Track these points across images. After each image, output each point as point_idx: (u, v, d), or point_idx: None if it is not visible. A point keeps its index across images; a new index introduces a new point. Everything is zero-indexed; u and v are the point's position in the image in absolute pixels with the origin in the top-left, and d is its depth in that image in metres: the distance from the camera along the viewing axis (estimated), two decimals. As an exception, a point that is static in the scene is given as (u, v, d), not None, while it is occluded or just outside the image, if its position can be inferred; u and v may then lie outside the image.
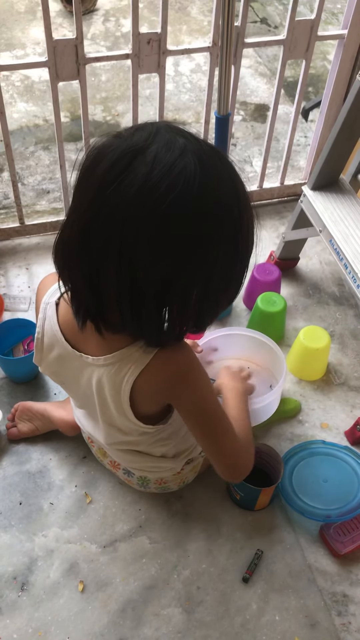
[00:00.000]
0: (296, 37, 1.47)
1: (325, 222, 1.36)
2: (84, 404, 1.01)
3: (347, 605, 1.12)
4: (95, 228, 0.70)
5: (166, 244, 0.69)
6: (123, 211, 0.68)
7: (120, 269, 0.70)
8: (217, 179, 0.70)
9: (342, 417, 1.37)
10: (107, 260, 0.70)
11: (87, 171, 0.71)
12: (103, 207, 0.69)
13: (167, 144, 0.68)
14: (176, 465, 1.10)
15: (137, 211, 0.67)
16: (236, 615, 1.11)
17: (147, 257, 0.69)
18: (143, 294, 0.73)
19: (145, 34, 1.36)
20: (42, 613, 1.10)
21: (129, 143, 0.68)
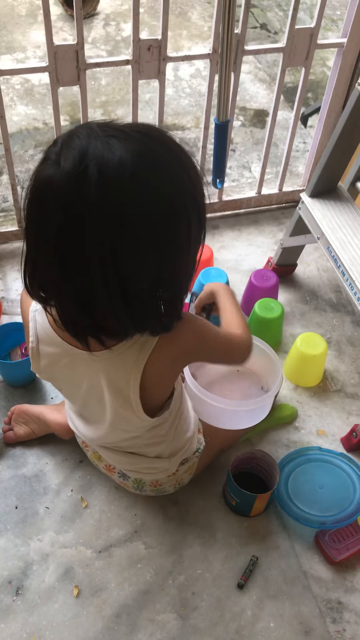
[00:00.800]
0: (296, 45, 1.48)
1: (323, 229, 1.36)
2: (84, 407, 1.01)
3: (341, 613, 1.13)
4: (72, 258, 0.71)
5: (146, 243, 0.70)
6: (95, 237, 0.69)
7: (109, 284, 0.71)
8: (162, 164, 0.71)
9: (338, 424, 1.38)
10: (95, 282, 0.71)
11: (38, 213, 0.72)
12: (71, 240, 0.70)
13: (102, 153, 0.67)
14: (171, 465, 1.10)
15: (106, 227, 0.68)
16: (231, 622, 1.11)
17: (131, 261, 0.71)
18: (138, 297, 0.74)
19: (146, 40, 1.37)
20: (36, 618, 1.10)
21: (67, 171, 0.68)
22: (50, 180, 0.69)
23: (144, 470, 1.11)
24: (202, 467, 1.21)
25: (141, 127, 0.72)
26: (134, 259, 0.71)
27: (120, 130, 0.70)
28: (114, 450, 1.08)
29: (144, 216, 0.69)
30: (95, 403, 0.95)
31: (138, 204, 0.68)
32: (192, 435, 1.12)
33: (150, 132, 0.72)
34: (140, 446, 1.05)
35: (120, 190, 0.67)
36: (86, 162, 0.67)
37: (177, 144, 0.74)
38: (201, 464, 1.19)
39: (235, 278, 1.63)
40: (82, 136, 0.69)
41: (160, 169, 0.70)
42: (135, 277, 0.72)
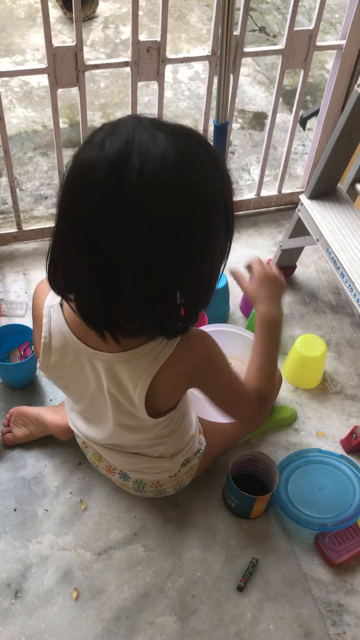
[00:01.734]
0: (295, 47, 1.48)
1: (323, 231, 1.36)
2: (88, 406, 1.00)
3: (341, 615, 1.12)
4: (104, 249, 0.71)
5: (177, 240, 0.71)
6: (128, 224, 0.68)
7: (136, 274, 0.71)
8: (203, 167, 0.71)
9: (337, 426, 1.38)
10: (123, 270, 0.71)
11: (76, 193, 0.71)
12: (106, 226, 0.69)
13: (147, 144, 0.68)
14: (174, 465, 1.10)
15: (140, 217, 0.68)
16: (231, 624, 1.10)
17: (160, 255, 0.71)
18: (162, 293, 0.75)
19: (145, 42, 1.37)
20: (35, 621, 1.09)
21: (111, 155, 0.68)
22: (92, 162, 0.69)
23: (147, 470, 1.10)
24: (202, 469, 1.20)
25: (186, 128, 0.73)
26: (164, 254, 0.71)
27: (167, 126, 0.71)
28: (116, 450, 1.07)
29: (178, 213, 0.70)
30: (100, 404, 0.95)
31: (174, 200, 0.69)
32: (194, 434, 1.12)
33: (194, 134, 0.73)
34: (143, 446, 1.05)
35: (158, 183, 0.67)
36: (130, 149, 0.67)
37: (217, 152, 0.75)
38: (201, 466, 1.19)
39: (234, 280, 1.62)
40: (129, 124, 0.70)
41: (200, 171, 0.71)
42: (162, 273, 0.73)
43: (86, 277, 0.75)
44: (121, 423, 0.96)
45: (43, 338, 0.91)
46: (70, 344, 0.89)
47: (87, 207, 0.70)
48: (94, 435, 1.05)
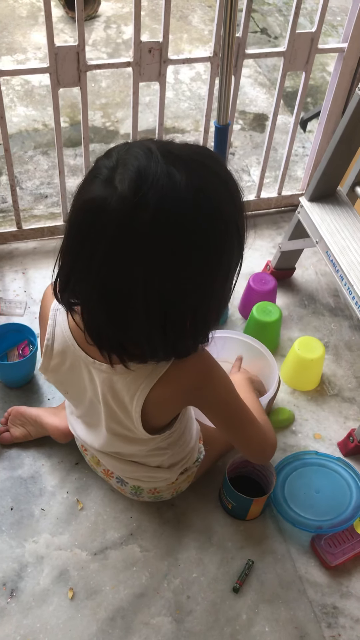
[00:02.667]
0: (296, 49, 1.48)
1: (322, 234, 1.37)
2: (87, 412, 1.00)
3: (337, 617, 1.12)
4: (117, 286, 0.71)
5: (192, 273, 0.71)
6: (143, 263, 0.69)
7: (150, 310, 0.72)
8: (218, 201, 0.71)
9: (335, 428, 1.38)
10: (136, 306, 0.72)
11: (88, 232, 0.70)
12: (119, 265, 0.69)
13: (162, 183, 0.67)
14: (171, 475, 1.10)
15: (156, 258, 0.68)
16: (226, 626, 1.10)
17: (177, 291, 0.72)
18: (176, 324, 0.75)
19: (147, 42, 1.37)
20: (30, 620, 1.09)
21: (124, 195, 0.66)
22: (104, 202, 0.67)
23: (143, 479, 1.10)
24: (199, 475, 1.20)
25: (198, 155, 0.71)
26: (178, 287, 0.71)
27: (180, 158, 0.69)
28: (114, 457, 1.07)
29: (194, 249, 0.70)
30: (97, 410, 0.95)
31: (190, 238, 0.69)
32: (194, 445, 1.12)
33: (207, 161, 0.72)
34: (141, 456, 1.04)
35: (177, 225, 0.68)
36: (145, 190, 0.66)
37: (229, 174, 0.74)
38: (199, 472, 1.19)
39: (233, 281, 1.63)
40: (140, 157, 0.68)
41: (216, 206, 0.70)
42: (176, 304, 0.73)
43: (96, 306, 0.75)
44: (115, 432, 0.95)
45: (46, 340, 0.91)
46: (70, 349, 0.89)
47: (99, 246, 0.69)
48: (91, 441, 1.04)
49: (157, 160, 0.67)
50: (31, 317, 1.52)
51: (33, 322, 1.48)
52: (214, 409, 0.94)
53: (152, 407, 0.88)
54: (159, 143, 0.71)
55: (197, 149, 0.73)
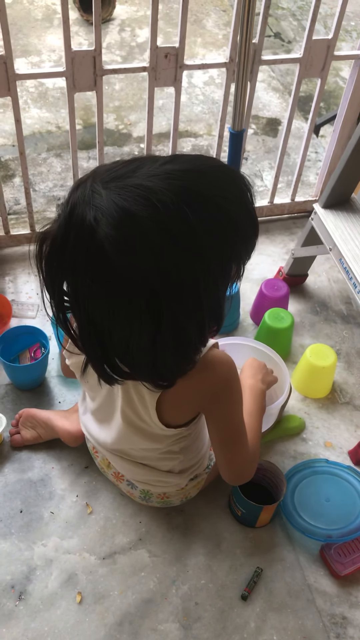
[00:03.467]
0: (312, 56, 1.48)
1: (336, 241, 1.36)
2: (103, 404, 1.00)
3: (345, 628, 1.12)
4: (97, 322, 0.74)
5: (187, 283, 0.71)
6: (133, 287, 0.70)
7: (166, 331, 0.73)
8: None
9: (346, 437, 1.37)
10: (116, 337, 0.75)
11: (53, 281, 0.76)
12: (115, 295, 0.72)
13: (112, 214, 0.68)
14: (181, 481, 1.10)
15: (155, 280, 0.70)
16: (234, 633, 1.10)
17: (186, 307, 0.72)
18: (188, 339, 0.76)
19: (163, 47, 1.37)
20: (38, 623, 1.09)
21: (79, 231, 0.70)
22: (50, 236, 0.73)
23: (154, 483, 1.10)
24: (209, 482, 1.20)
25: (129, 198, 0.68)
26: (187, 307, 0.73)
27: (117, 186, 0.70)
28: (125, 459, 1.07)
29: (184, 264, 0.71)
30: (115, 403, 0.95)
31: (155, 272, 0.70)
32: (205, 452, 1.12)
33: (153, 191, 0.68)
34: (152, 459, 1.05)
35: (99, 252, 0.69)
36: (70, 223, 0.70)
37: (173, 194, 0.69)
38: (209, 479, 1.19)
39: (245, 287, 1.62)
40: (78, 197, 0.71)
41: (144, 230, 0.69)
42: (187, 320, 0.74)
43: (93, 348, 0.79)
44: (130, 421, 0.95)
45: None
46: None
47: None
48: (104, 438, 1.04)
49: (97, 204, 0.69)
50: (43, 319, 1.52)
51: (45, 324, 1.49)
52: (217, 419, 0.94)
53: (169, 402, 0.88)
54: (103, 177, 0.72)
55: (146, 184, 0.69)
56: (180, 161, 0.73)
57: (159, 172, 0.70)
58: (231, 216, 0.74)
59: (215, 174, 0.75)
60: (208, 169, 0.74)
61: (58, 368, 1.44)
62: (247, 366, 1.19)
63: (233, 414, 0.94)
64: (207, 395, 0.89)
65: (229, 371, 0.89)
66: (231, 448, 0.97)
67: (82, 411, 1.12)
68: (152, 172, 0.70)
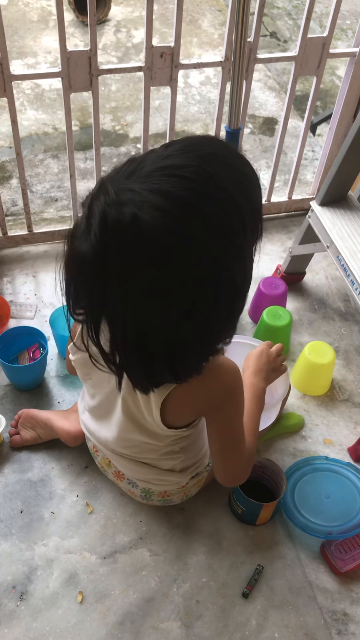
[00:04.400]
0: (308, 54, 1.48)
1: (333, 238, 1.36)
2: (104, 401, 1.00)
3: (347, 624, 1.12)
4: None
5: (139, 294, 0.71)
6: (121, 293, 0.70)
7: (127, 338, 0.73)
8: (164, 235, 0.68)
9: (345, 434, 1.37)
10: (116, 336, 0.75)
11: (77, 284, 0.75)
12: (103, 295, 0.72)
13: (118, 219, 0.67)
14: (182, 479, 1.10)
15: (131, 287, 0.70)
16: (235, 631, 1.10)
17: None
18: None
19: (159, 47, 1.37)
20: (40, 623, 1.09)
21: (93, 249, 0.69)
22: (82, 254, 0.71)
23: (154, 482, 1.10)
24: (209, 480, 1.20)
25: (156, 185, 0.67)
26: (153, 319, 0.72)
27: (132, 193, 0.68)
28: (126, 457, 1.07)
29: (160, 282, 0.70)
30: (117, 400, 0.95)
31: (153, 276, 0.69)
32: (206, 451, 1.12)
33: (165, 189, 0.67)
34: (154, 458, 1.05)
35: (137, 260, 0.68)
36: (107, 233, 0.68)
37: (198, 193, 0.68)
38: (209, 478, 1.19)
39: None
40: (99, 202, 0.68)
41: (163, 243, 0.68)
42: (154, 335, 0.73)
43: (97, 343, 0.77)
44: (132, 417, 0.95)
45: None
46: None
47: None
48: (104, 436, 1.04)
49: (112, 201, 0.68)
50: (41, 320, 1.52)
51: (44, 325, 1.49)
52: (218, 425, 0.95)
53: (173, 404, 0.88)
54: (116, 177, 0.70)
55: (162, 177, 0.68)
56: (177, 142, 0.74)
57: (168, 153, 0.70)
58: (247, 172, 0.75)
59: (212, 142, 0.76)
60: (204, 139, 0.76)
61: (57, 368, 1.44)
62: (252, 361, 1.15)
63: (234, 421, 0.94)
64: (211, 401, 0.90)
65: (234, 379, 0.89)
66: (229, 453, 0.98)
67: (81, 410, 1.12)
68: (162, 155, 0.70)
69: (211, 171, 0.69)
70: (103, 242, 0.68)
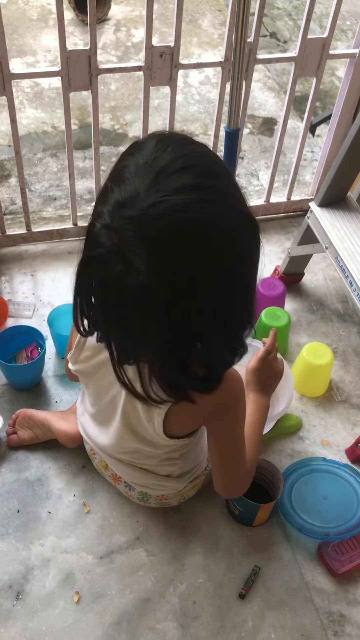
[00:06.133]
0: (308, 55, 1.48)
1: (332, 239, 1.36)
2: (104, 409, 0.99)
3: (343, 625, 1.12)
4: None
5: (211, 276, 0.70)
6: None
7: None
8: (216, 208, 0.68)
9: (342, 435, 1.37)
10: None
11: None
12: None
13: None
14: (180, 485, 1.10)
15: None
16: (232, 632, 1.10)
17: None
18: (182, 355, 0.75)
19: (158, 47, 1.37)
20: (36, 623, 1.09)
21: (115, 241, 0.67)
22: (106, 247, 0.68)
23: (152, 486, 1.10)
24: (207, 482, 1.20)
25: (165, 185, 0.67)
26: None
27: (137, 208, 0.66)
28: (124, 462, 1.07)
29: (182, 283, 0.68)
30: (116, 408, 0.95)
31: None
32: (204, 456, 1.12)
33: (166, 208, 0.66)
34: (152, 464, 1.04)
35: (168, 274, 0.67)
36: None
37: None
38: (207, 479, 1.19)
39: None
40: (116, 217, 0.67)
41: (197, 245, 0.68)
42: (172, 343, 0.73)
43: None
44: (131, 427, 0.95)
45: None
46: (103, 345, 0.87)
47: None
48: (102, 441, 1.04)
49: (120, 217, 0.66)
50: (39, 319, 1.52)
51: (42, 324, 1.48)
52: (219, 435, 0.95)
53: (177, 415, 0.88)
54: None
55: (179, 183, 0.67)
56: (142, 146, 0.73)
57: (147, 157, 0.70)
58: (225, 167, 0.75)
59: (168, 135, 0.76)
60: (155, 136, 0.75)
61: (55, 368, 1.44)
62: (257, 376, 1.12)
63: (235, 431, 0.94)
64: (213, 409, 0.88)
65: (237, 389, 0.89)
66: (229, 463, 0.98)
67: (80, 412, 1.11)
68: (142, 161, 0.69)
69: (192, 152, 0.71)
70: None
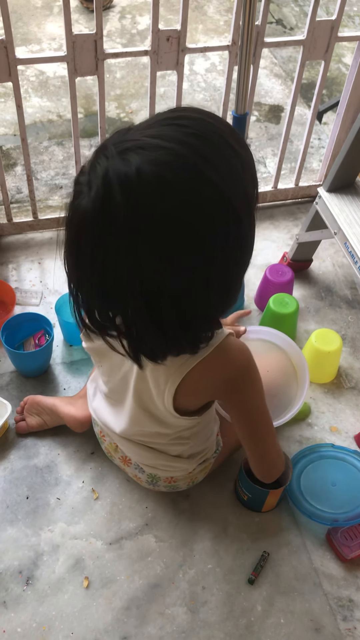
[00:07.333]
0: (316, 37, 1.46)
1: (341, 225, 1.35)
2: (116, 387, 0.99)
3: (352, 610, 1.12)
4: (110, 286, 0.72)
5: (168, 250, 0.69)
6: (124, 250, 0.69)
7: (137, 302, 0.72)
8: (180, 170, 0.67)
9: (351, 421, 1.37)
10: (128, 304, 0.73)
11: (77, 244, 0.74)
12: (106, 262, 0.71)
13: (120, 170, 0.66)
14: (189, 466, 1.10)
15: (134, 241, 0.68)
16: (241, 617, 1.10)
17: (158, 274, 0.70)
18: (166, 314, 0.73)
19: (165, 30, 1.36)
20: (46, 608, 1.09)
21: (94, 200, 0.68)
22: (84, 211, 0.69)
23: (161, 467, 1.10)
24: (216, 466, 1.20)
25: (156, 131, 0.68)
26: (162, 271, 0.69)
27: (134, 141, 0.68)
28: (134, 442, 1.07)
29: (168, 223, 0.67)
30: (128, 386, 0.95)
31: (162, 213, 0.67)
32: (214, 438, 1.12)
33: (165, 133, 0.68)
34: (162, 444, 1.04)
35: (144, 203, 0.66)
36: (110, 184, 0.66)
37: (203, 139, 0.68)
38: (216, 464, 1.19)
39: (249, 273, 1.60)
40: (101, 160, 0.68)
41: (177, 176, 0.66)
42: (164, 291, 0.71)
43: (106, 320, 0.77)
44: (143, 405, 0.95)
45: None
46: None
47: (90, 254, 0.72)
48: (113, 424, 1.04)
49: (112, 154, 0.67)
50: (47, 306, 1.52)
51: (49, 311, 1.48)
52: (240, 410, 0.94)
53: (186, 390, 0.87)
54: (116, 137, 0.71)
55: (160, 127, 0.69)
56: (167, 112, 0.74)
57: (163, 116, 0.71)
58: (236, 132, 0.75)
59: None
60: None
61: (63, 355, 1.44)
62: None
63: (255, 403, 0.92)
64: (223, 382, 0.88)
65: (245, 358, 0.88)
66: (262, 441, 0.97)
67: (91, 393, 1.11)
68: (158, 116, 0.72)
69: (211, 120, 0.70)
70: (104, 192, 0.66)
